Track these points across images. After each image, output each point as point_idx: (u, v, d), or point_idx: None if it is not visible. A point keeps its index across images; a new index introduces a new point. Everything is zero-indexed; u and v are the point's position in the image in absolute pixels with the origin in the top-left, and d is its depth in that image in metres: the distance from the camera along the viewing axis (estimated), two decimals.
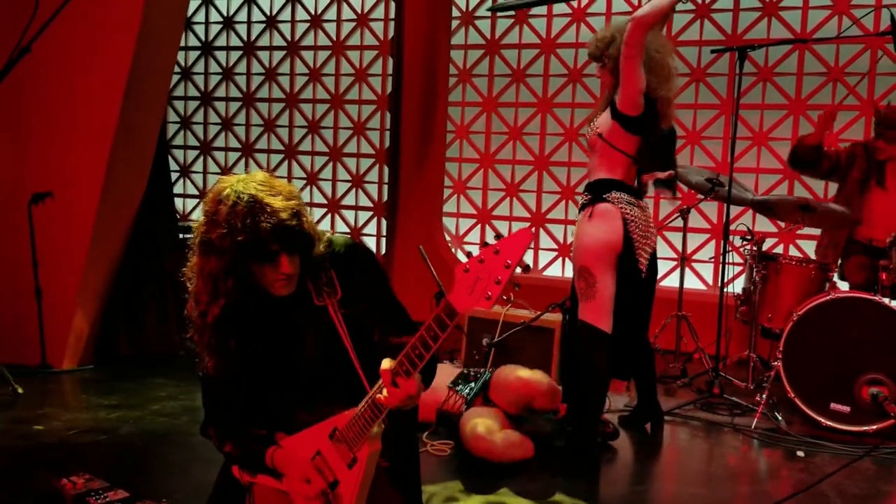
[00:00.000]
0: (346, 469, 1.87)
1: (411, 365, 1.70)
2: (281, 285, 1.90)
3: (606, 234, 3.29)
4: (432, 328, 1.64)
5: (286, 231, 1.83)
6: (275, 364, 2.00)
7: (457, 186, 6.42)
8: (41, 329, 4.59)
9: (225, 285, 1.86)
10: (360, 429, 1.84)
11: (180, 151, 7.28)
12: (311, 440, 1.93)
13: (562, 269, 6.14)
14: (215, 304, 1.89)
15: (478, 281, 1.55)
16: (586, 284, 3.31)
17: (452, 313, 1.60)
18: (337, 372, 1.95)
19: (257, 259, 1.85)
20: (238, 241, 1.80)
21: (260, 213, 1.81)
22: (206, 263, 1.87)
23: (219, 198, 1.86)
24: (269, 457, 1.96)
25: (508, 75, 6.20)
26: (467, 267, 1.56)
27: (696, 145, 5.71)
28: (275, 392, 2.01)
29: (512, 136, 6.22)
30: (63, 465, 3.06)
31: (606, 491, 3.20)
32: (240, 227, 1.79)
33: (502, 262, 1.52)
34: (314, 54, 6.78)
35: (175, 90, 7.19)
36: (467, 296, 1.56)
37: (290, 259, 1.87)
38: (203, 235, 1.87)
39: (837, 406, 3.84)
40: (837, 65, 5.34)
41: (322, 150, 6.81)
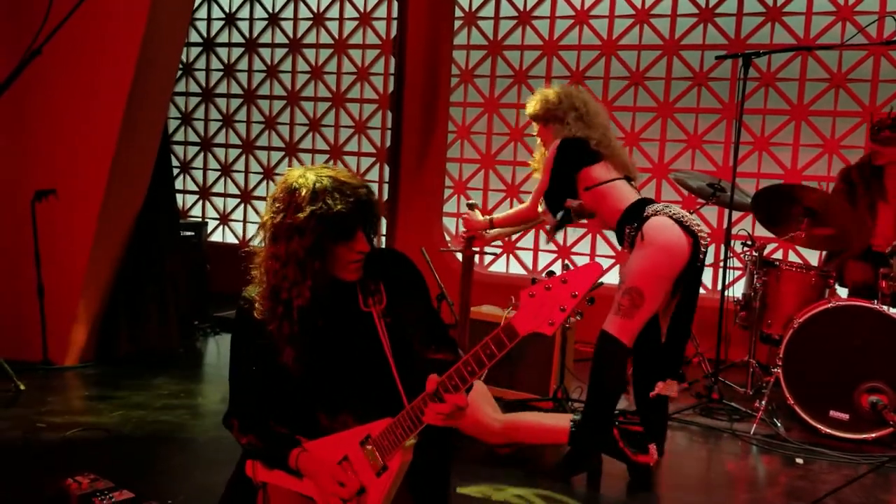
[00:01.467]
0: (375, 477, 1.88)
1: (461, 380, 1.72)
2: (355, 267, 1.94)
3: (672, 247, 3.21)
4: (489, 346, 1.66)
5: (365, 205, 1.91)
6: (321, 366, 2.00)
7: (457, 187, 6.43)
8: (43, 325, 4.59)
9: (312, 266, 1.89)
10: (396, 438, 1.85)
11: (181, 148, 7.27)
12: (338, 445, 1.94)
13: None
14: (304, 285, 1.90)
15: (542, 307, 1.60)
16: (631, 305, 3.23)
17: (513, 335, 1.64)
18: (372, 380, 1.96)
19: (340, 235, 1.89)
20: (324, 217, 1.85)
21: (342, 189, 1.88)
22: (288, 248, 1.89)
23: (293, 186, 1.91)
24: (294, 458, 1.97)
25: (510, 76, 6.21)
26: (533, 293, 1.62)
27: (698, 149, 5.73)
28: (308, 394, 2.02)
29: (513, 137, 6.23)
30: (67, 464, 3.07)
31: (604, 495, 3.22)
32: (326, 203, 1.85)
33: (569, 292, 1.57)
34: (316, 52, 6.78)
35: (176, 86, 7.17)
36: (531, 320, 1.61)
37: (366, 237, 1.93)
38: (281, 221, 1.90)
39: (837, 413, 3.87)
40: (840, 71, 5.36)
41: (323, 148, 6.81)
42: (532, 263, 6.25)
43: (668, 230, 3.22)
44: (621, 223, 3.35)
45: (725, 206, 4.46)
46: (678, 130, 5.78)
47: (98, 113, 4.58)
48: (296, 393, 2.02)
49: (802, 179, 5.46)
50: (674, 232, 3.22)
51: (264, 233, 1.96)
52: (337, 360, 2.00)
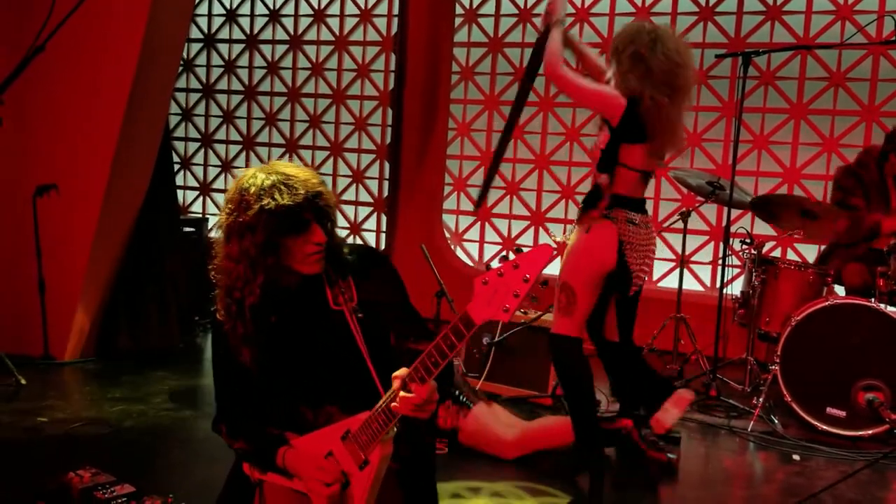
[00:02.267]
0: (358, 470, 1.90)
1: (426, 372, 1.73)
2: (314, 259, 1.93)
3: (600, 255, 3.20)
4: (449, 337, 1.67)
5: (316, 197, 1.90)
6: (288, 363, 2.02)
7: (457, 184, 6.44)
8: (44, 320, 4.60)
9: (264, 262, 1.90)
10: (373, 432, 1.86)
11: (181, 143, 7.28)
12: (322, 441, 1.96)
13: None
14: (255, 283, 1.91)
15: (496, 294, 1.59)
16: (567, 302, 3.24)
17: (470, 324, 1.64)
18: (350, 375, 1.98)
19: (292, 229, 1.89)
20: (273, 212, 1.85)
21: (289, 184, 1.88)
22: (240, 246, 1.91)
23: (244, 185, 1.92)
24: (281, 456, 1.98)
25: (511, 74, 6.22)
26: (486, 279, 1.60)
27: (697, 147, 5.75)
28: (285, 391, 2.04)
29: (514, 134, 6.23)
30: (68, 458, 3.09)
31: (602, 491, 3.24)
32: (275, 197, 1.86)
33: (521, 276, 1.56)
34: (317, 49, 6.79)
35: (177, 82, 7.18)
36: (485, 307, 1.60)
37: (322, 229, 1.93)
38: (231, 222, 1.91)
39: (833, 411, 3.89)
40: (839, 70, 5.37)
41: (323, 144, 6.82)
42: None
43: (607, 241, 3.18)
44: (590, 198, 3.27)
45: (725, 205, 4.47)
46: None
47: (99, 109, 4.60)
48: (276, 390, 2.03)
49: (801, 178, 5.48)
50: (609, 246, 3.18)
51: (221, 233, 1.97)
52: (311, 358, 2.01)
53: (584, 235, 3.25)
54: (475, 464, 3.42)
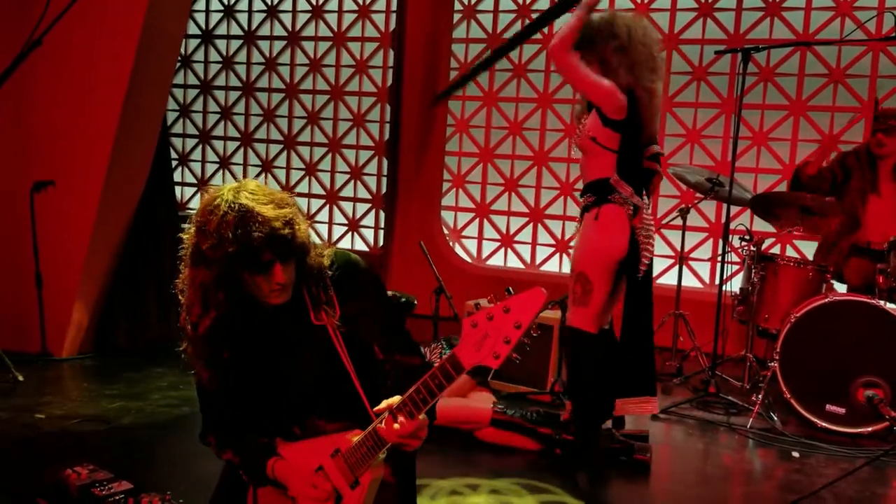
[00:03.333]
0: (349, 490, 1.88)
1: (415, 408, 1.71)
2: (276, 295, 1.88)
3: (612, 238, 3.22)
4: (437, 377, 1.65)
5: (279, 240, 1.80)
6: (269, 380, 1.99)
7: (456, 180, 6.43)
8: (41, 317, 4.59)
9: (216, 297, 1.84)
10: (362, 456, 1.84)
11: (179, 140, 7.26)
12: (312, 453, 1.93)
13: (559, 265, 6.16)
14: (206, 316, 1.87)
15: (486, 338, 1.55)
16: (583, 291, 3.25)
17: (459, 367, 1.61)
18: (335, 391, 1.95)
19: (250, 269, 1.82)
20: (229, 252, 1.76)
21: (251, 222, 1.77)
22: (196, 275, 1.84)
23: (209, 208, 1.81)
24: (270, 468, 1.96)
25: (509, 70, 6.20)
26: (475, 322, 1.56)
27: (696, 144, 5.74)
28: (269, 407, 2.01)
29: (512, 130, 6.23)
30: (66, 455, 3.07)
31: (601, 489, 3.23)
32: (230, 237, 1.75)
33: (512, 322, 1.52)
34: (315, 45, 6.77)
35: (174, 78, 7.16)
36: (475, 352, 1.57)
37: (283, 268, 1.84)
38: (193, 247, 1.84)
39: (833, 408, 3.89)
40: (839, 66, 5.36)
41: (321, 141, 6.81)
42: (530, 258, 6.26)
43: (618, 223, 3.22)
44: (592, 188, 3.29)
45: (724, 201, 4.46)
46: (677, 125, 5.78)
47: (97, 105, 4.58)
48: (262, 406, 2.00)
49: None
50: (621, 227, 3.21)
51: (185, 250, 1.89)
52: (294, 374, 1.97)
53: (595, 223, 3.24)
54: (474, 461, 3.42)
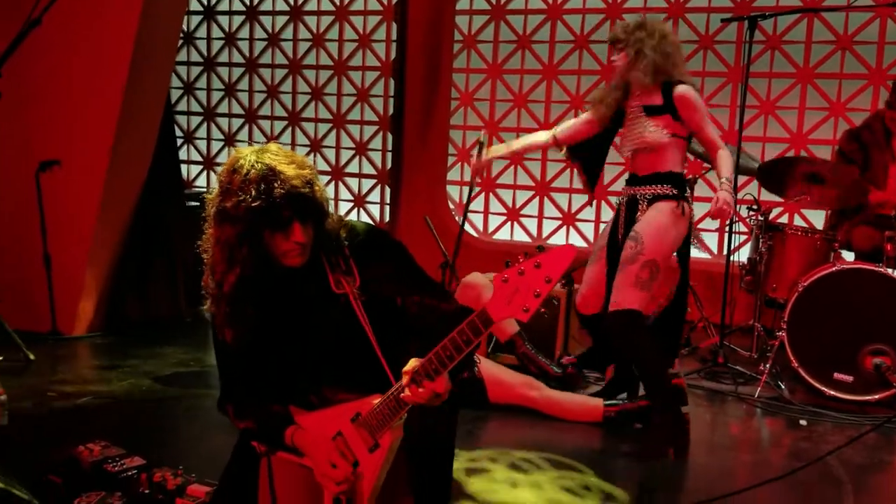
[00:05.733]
0: (368, 453, 1.89)
1: (441, 365, 1.70)
2: (294, 254, 1.92)
3: (683, 233, 3.37)
4: (465, 332, 1.64)
5: (299, 198, 1.87)
6: (289, 347, 2.02)
7: (461, 154, 6.40)
8: (51, 296, 4.62)
9: (241, 253, 1.89)
10: (383, 418, 1.85)
11: (184, 117, 7.24)
12: (331, 420, 1.95)
13: (566, 237, 6.15)
14: (231, 272, 1.92)
15: (516, 293, 1.56)
16: (650, 277, 3.27)
17: (488, 321, 1.61)
18: (356, 359, 1.97)
19: (271, 225, 1.87)
20: (252, 208, 1.83)
21: (273, 180, 1.84)
22: (221, 232, 1.90)
23: (233, 168, 1.89)
24: (289, 436, 1.98)
25: (514, 42, 6.15)
26: (506, 277, 1.58)
27: None
28: (288, 374, 2.03)
29: (517, 103, 6.19)
30: (78, 432, 3.10)
31: (607, 459, 3.24)
32: (254, 193, 1.83)
33: (543, 277, 1.54)
34: (317, 19, 6.72)
35: (178, 55, 7.13)
36: (505, 306, 1.58)
37: (302, 227, 1.90)
38: (218, 205, 1.91)
39: (841, 376, 3.89)
40: (846, 33, 5.29)
41: (326, 117, 6.78)
42: (536, 231, 6.25)
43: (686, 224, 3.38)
44: (669, 179, 3.36)
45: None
46: None
47: (100, 83, 4.57)
48: (282, 372, 2.03)
49: (808, 143, 5.43)
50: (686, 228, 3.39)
51: (209, 209, 1.96)
52: (314, 341, 2.00)
53: (679, 218, 3.33)
54: (497, 434, 3.43)
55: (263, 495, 2.08)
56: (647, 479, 3.10)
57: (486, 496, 2.79)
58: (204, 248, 2.01)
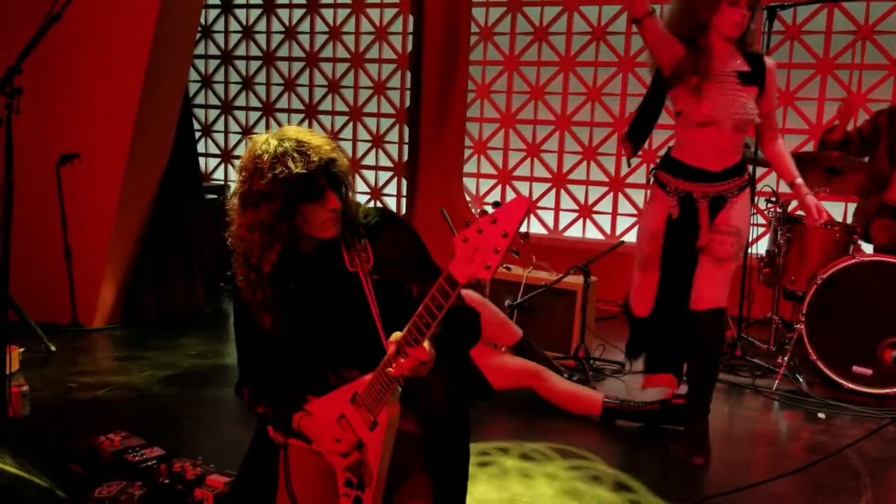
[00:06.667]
0: (369, 431, 1.92)
1: (419, 333, 1.74)
2: (331, 223, 1.95)
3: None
4: (436, 297, 1.67)
5: (331, 164, 1.91)
6: (308, 327, 2.04)
7: (477, 146, 6.40)
8: (71, 288, 4.67)
9: (279, 229, 1.91)
10: (377, 394, 1.88)
11: (202, 111, 7.29)
12: (334, 404, 1.97)
13: (582, 230, 6.13)
14: (272, 251, 1.92)
15: (476, 251, 1.58)
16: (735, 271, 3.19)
17: (454, 283, 1.63)
18: (367, 338, 1.98)
19: (308, 196, 1.89)
20: (289, 180, 1.86)
21: (306, 150, 1.89)
22: (255, 215, 1.91)
23: (258, 151, 1.91)
24: (297, 421, 2.00)
25: (531, 33, 6.13)
26: (466, 237, 1.59)
27: None
28: (306, 355, 2.05)
29: (533, 95, 6.17)
30: (98, 423, 3.15)
31: (624, 452, 3.26)
32: (288, 165, 1.86)
33: (500, 232, 1.55)
34: (334, 13, 6.73)
35: (195, 49, 7.16)
36: (468, 265, 1.59)
37: (337, 195, 1.94)
38: (249, 189, 1.91)
39: (859, 369, 3.86)
40: (867, 23, 5.23)
41: (342, 109, 6.80)
42: (553, 223, 6.23)
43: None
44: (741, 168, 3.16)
45: (750, 163, 4.39)
46: None
47: (118, 78, 4.61)
48: (293, 356, 2.04)
49: None
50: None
51: (235, 201, 1.97)
52: (329, 321, 2.02)
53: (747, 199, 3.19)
54: (506, 425, 3.45)
55: (282, 485, 2.10)
56: (664, 471, 3.10)
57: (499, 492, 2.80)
58: (234, 239, 2.00)
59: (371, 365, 1.93)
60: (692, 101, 3.02)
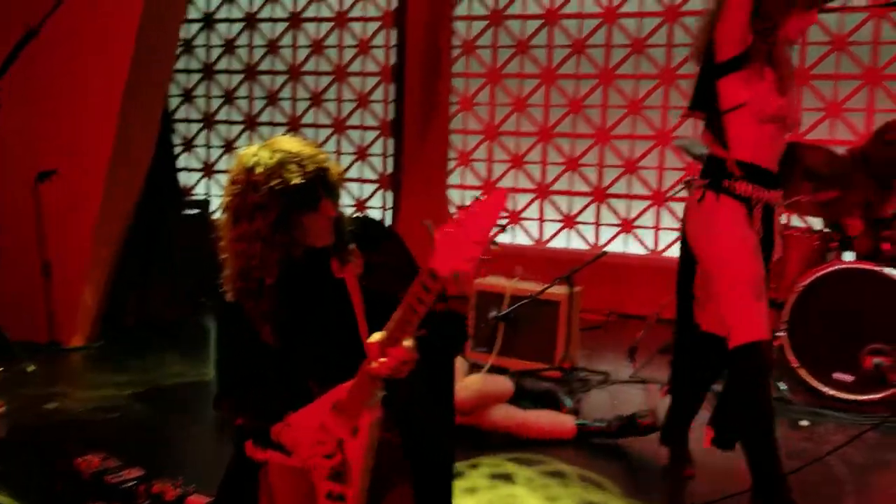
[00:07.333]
0: (351, 437, 1.91)
1: (401, 331, 1.75)
2: (325, 233, 1.96)
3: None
4: (417, 293, 1.68)
5: (325, 173, 1.92)
6: (297, 334, 2.03)
7: (461, 158, 6.41)
8: (50, 306, 4.62)
9: (278, 241, 1.91)
10: (358, 398, 1.88)
11: (183, 125, 7.26)
12: (314, 414, 1.97)
13: (567, 240, 6.14)
14: (271, 262, 1.92)
15: (458, 244, 1.60)
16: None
17: (434, 277, 1.64)
18: (350, 345, 1.97)
19: (305, 205, 1.90)
20: (286, 191, 1.86)
21: (300, 160, 1.89)
22: (251, 227, 1.90)
23: (248, 164, 1.91)
24: (276, 434, 1.99)
25: (512, 47, 6.15)
26: (445, 231, 1.61)
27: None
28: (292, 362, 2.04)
29: (516, 108, 6.19)
30: (78, 444, 3.10)
31: (602, 463, 3.23)
32: (284, 176, 1.86)
33: (480, 224, 1.57)
34: (317, 26, 6.73)
35: (177, 62, 7.14)
36: (449, 259, 1.61)
37: (332, 203, 1.94)
38: (241, 202, 1.91)
39: (841, 376, 3.88)
40: (842, 33, 5.26)
41: (325, 122, 6.79)
42: (538, 235, 6.24)
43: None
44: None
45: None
46: (680, 98, 5.73)
47: (98, 92, 4.58)
48: (283, 366, 2.03)
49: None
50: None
51: (226, 215, 1.96)
52: (317, 330, 2.02)
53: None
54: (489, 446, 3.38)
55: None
56: (648, 481, 3.10)
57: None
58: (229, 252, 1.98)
59: (354, 372, 1.92)
60: (762, 89, 2.60)
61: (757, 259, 2.67)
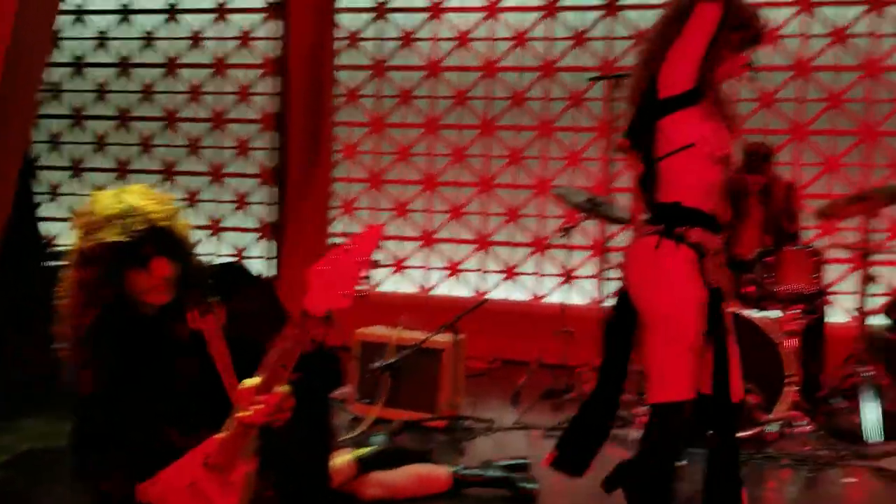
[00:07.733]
0: (223, 496, 1.84)
1: (275, 376, 1.71)
2: (158, 292, 1.90)
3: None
4: (288, 336, 1.67)
5: (159, 233, 1.87)
6: (148, 386, 1.96)
7: (345, 207, 6.38)
8: None
9: (99, 295, 1.87)
10: (231, 451, 1.81)
11: (50, 173, 6.89)
12: (183, 471, 1.89)
13: (452, 287, 6.19)
14: (88, 314, 1.89)
15: (333, 282, 1.59)
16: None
17: (307, 317, 1.63)
18: (211, 395, 1.91)
19: (132, 263, 1.86)
20: (111, 246, 1.82)
21: (132, 216, 1.85)
22: (82, 275, 1.87)
23: (91, 210, 1.89)
24: (144, 492, 1.90)
25: (396, 96, 6.23)
26: (320, 268, 1.60)
27: (577, 167, 5.89)
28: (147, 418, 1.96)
29: (400, 156, 6.25)
30: None
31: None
32: (112, 231, 1.82)
33: (355, 260, 1.58)
34: (195, 72, 6.60)
35: (45, 107, 6.81)
36: (323, 297, 1.60)
37: (165, 262, 1.89)
38: (77, 249, 1.89)
39: None
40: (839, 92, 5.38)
41: (203, 170, 6.62)
42: (423, 282, 6.25)
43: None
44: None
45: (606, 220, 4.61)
46: (558, 149, 5.94)
47: None
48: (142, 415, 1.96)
49: None
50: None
51: (69, 255, 1.94)
52: (174, 380, 1.96)
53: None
54: None
55: None
56: None
57: None
58: (60, 296, 1.95)
59: (219, 422, 1.86)
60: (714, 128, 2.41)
61: (701, 316, 2.50)
